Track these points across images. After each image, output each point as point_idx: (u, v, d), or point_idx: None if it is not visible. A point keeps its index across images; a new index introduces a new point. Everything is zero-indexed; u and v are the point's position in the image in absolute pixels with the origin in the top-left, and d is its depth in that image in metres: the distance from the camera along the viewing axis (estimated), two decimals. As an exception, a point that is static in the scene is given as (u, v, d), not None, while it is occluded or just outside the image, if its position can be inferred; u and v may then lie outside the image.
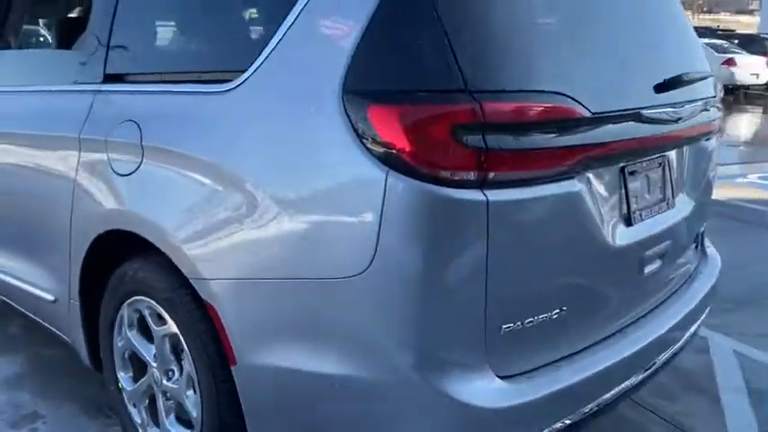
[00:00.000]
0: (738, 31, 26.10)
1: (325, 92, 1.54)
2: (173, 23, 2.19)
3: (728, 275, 4.17)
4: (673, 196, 2.13)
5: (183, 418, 2.07)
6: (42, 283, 2.50)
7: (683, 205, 2.19)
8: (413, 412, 1.57)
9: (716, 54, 17.86)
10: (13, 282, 2.68)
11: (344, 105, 1.51)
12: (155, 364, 2.09)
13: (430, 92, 1.48)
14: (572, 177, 1.64)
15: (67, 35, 2.65)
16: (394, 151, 1.46)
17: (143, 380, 2.17)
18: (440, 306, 1.51)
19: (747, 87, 18.47)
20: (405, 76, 1.50)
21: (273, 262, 1.66)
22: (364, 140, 1.49)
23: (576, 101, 1.59)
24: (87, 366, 2.42)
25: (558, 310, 1.70)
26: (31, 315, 2.71)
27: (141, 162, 1.95)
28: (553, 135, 1.56)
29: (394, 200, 1.46)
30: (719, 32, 24.63)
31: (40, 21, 3.07)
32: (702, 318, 2.39)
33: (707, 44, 18.61)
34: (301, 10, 1.65)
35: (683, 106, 1.98)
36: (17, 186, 2.56)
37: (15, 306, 2.80)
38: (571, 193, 1.64)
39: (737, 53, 18.28)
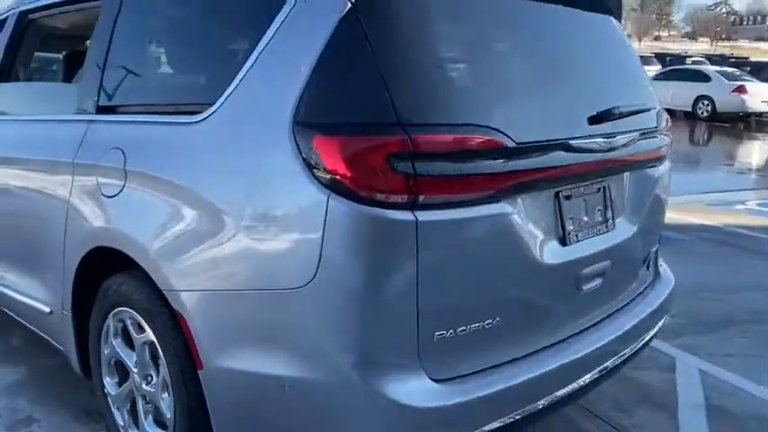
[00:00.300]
0: (751, 59, 26.15)
1: (279, 124, 1.75)
2: (155, 62, 2.42)
3: (711, 299, 4.33)
4: (613, 219, 2.29)
5: (159, 420, 2.25)
6: (39, 296, 2.72)
7: (625, 228, 2.35)
8: (353, 410, 1.74)
9: (726, 82, 17.97)
10: (14, 295, 2.90)
11: (294, 136, 1.71)
12: (135, 370, 2.29)
13: (367, 124, 1.67)
14: (500, 200, 1.82)
15: (69, 70, 2.90)
16: (335, 177, 1.66)
17: (125, 385, 2.36)
18: (375, 314, 1.69)
19: (759, 115, 18.52)
20: (346, 111, 1.71)
21: (233, 275, 1.86)
22: (310, 167, 1.68)
23: (501, 132, 1.78)
24: (78, 374, 2.62)
25: (490, 321, 1.87)
26: (29, 326, 2.93)
27: (124, 185, 2.16)
28: (477, 163, 1.75)
29: (334, 220, 1.65)
30: (732, 60, 24.79)
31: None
32: (652, 332, 2.54)
33: (717, 72, 18.74)
34: (261, 52, 1.87)
35: (614, 137, 2.16)
36: (20, 206, 2.80)
37: (16, 317, 3.02)
38: (499, 215, 1.82)
39: (748, 81, 18.36)
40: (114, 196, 2.21)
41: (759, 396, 3.09)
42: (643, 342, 2.50)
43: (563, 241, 2.07)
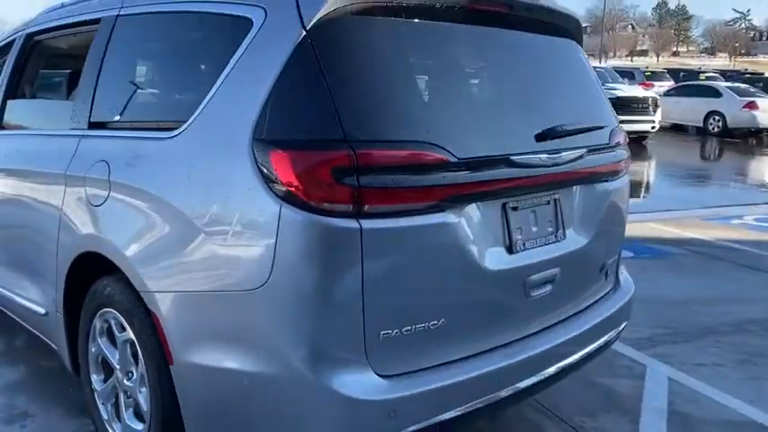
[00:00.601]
0: (766, 75, 26.09)
1: (240, 140, 1.93)
2: (139, 84, 2.63)
3: (693, 311, 4.44)
4: (563, 230, 2.44)
5: (139, 414, 2.43)
6: (36, 299, 2.92)
7: (576, 238, 2.49)
8: (303, 402, 1.91)
9: (737, 98, 17.99)
10: (14, 297, 3.11)
11: (253, 151, 1.89)
12: (118, 367, 2.47)
13: (316, 141, 1.85)
14: (443, 210, 1.98)
15: (68, 88, 3.12)
16: (287, 188, 1.83)
17: (110, 381, 2.55)
18: (323, 315, 1.86)
19: (771, 130, 18.50)
20: (298, 129, 1.88)
21: (199, 278, 2.03)
22: (266, 179, 1.86)
23: (442, 148, 1.95)
24: (70, 372, 2.81)
25: (435, 322, 2.03)
26: (28, 327, 3.13)
27: (108, 195, 2.36)
28: (419, 176, 1.91)
29: (286, 227, 1.83)
30: (747, 75, 24.81)
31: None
32: (607, 338, 2.68)
33: (728, 87, 18.75)
34: (227, 76, 2.06)
35: (560, 153, 2.31)
36: (21, 214, 3.00)
37: (16, 319, 3.23)
38: (443, 224, 1.98)
39: (760, 97, 18.35)
40: (100, 205, 2.40)
41: (721, 402, 3.20)
42: (598, 346, 2.63)
43: (510, 249, 2.23)
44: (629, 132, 13.82)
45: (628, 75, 24.51)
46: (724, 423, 3.03)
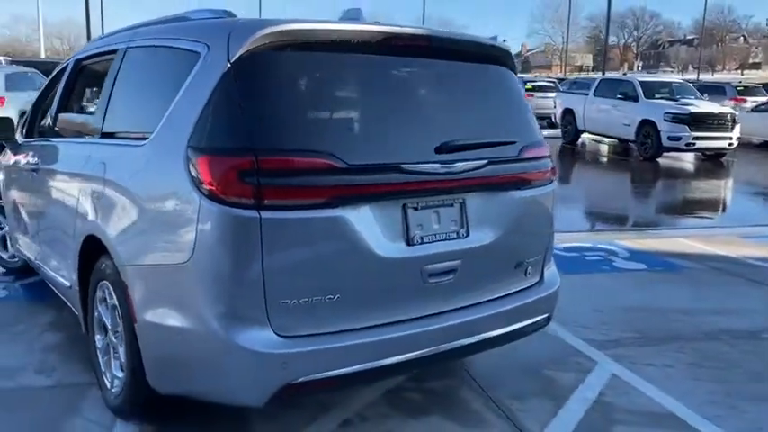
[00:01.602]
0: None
1: (180, 148, 2.51)
2: (129, 103, 3.28)
3: (673, 319, 4.64)
4: (467, 229, 2.86)
5: (120, 365, 3.05)
6: (65, 275, 3.62)
7: (481, 237, 2.90)
8: (219, 352, 2.45)
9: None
10: (55, 276, 3.84)
11: (187, 156, 2.47)
12: (110, 327, 3.11)
13: (228, 149, 2.40)
14: (337, 207, 2.47)
15: (95, 105, 3.84)
16: (206, 185, 2.39)
17: (105, 338, 3.19)
18: (232, 284, 2.40)
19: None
20: (217, 139, 2.44)
21: (150, 254, 2.63)
22: (193, 178, 2.43)
23: (334, 156, 2.44)
24: (84, 332, 3.48)
25: (331, 296, 2.52)
26: (63, 297, 3.86)
27: (104, 189, 3.00)
28: (310, 178, 2.42)
29: (203, 216, 2.39)
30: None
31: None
32: (522, 324, 3.09)
33: None
34: (179, 98, 2.65)
35: (455, 164, 2.74)
36: (55, 206, 3.73)
37: (56, 292, 3.97)
38: (334, 218, 2.47)
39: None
40: (99, 197, 3.05)
41: (650, 396, 3.47)
42: (508, 331, 3.03)
43: (408, 242, 2.68)
44: (704, 149, 13.85)
45: (718, 90, 23.69)
46: (643, 413, 3.31)
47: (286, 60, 2.52)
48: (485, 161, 2.85)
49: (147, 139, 2.77)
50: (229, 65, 2.48)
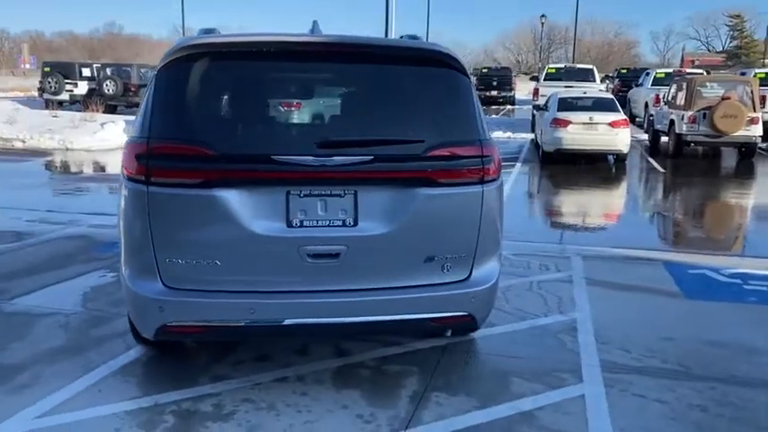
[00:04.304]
0: None
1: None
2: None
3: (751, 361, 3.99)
4: (355, 218, 3.11)
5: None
6: None
7: (371, 227, 3.11)
8: (126, 292, 3.20)
9: None
10: None
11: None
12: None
13: (136, 137, 3.11)
14: (211, 187, 3.00)
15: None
16: (123, 165, 3.14)
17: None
18: (131, 243, 3.12)
19: None
20: (136, 130, 3.16)
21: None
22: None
23: (209, 145, 2.98)
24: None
25: (211, 261, 3.06)
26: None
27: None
28: (187, 162, 2.99)
29: (122, 188, 3.15)
30: None
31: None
32: (422, 315, 3.23)
33: None
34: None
35: (331, 158, 3.01)
36: None
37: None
38: (209, 196, 3.00)
39: None
40: None
41: (590, 423, 3.20)
42: (401, 319, 3.18)
43: (288, 224, 3.08)
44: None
45: None
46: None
47: (187, 68, 3.11)
48: (370, 157, 3.06)
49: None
50: (155, 73, 3.19)
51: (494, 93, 31.94)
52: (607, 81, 31.60)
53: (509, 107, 31.35)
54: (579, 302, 4.94)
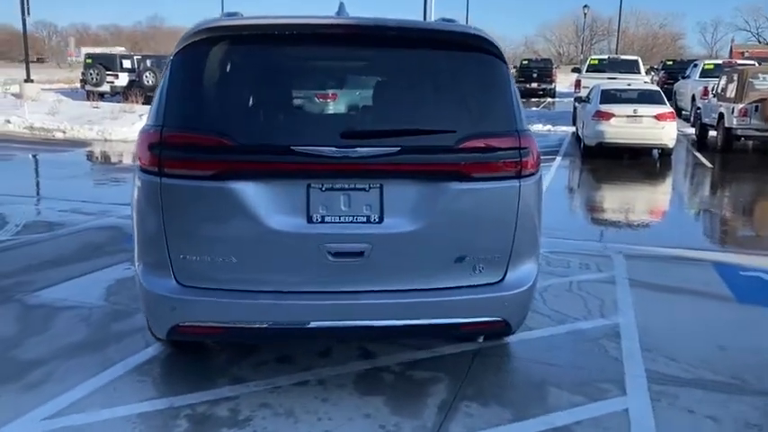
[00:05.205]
0: None
1: None
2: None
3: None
4: (381, 215, 2.89)
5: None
6: None
7: (398, 224, 2.88)
8: (139, 288, 3.02)
9: None
10: None
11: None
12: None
13: (150, 125, 2.93)
14: (227, 179, 2.80)
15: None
16: (137, 155, 2.97)
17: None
18: (143, 237, 2.95)
19: None
20: (150, 119, 2.97)
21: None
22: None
23: (227, 135, 2.78)
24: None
25: (226, 258, 2.87)
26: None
27: None
28: (202, 153, 2.80)
29: (136, 179, 2.97)
30: None
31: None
32: (455, 320, 3.00)
33: None
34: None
35: (354, 149, 2.78)
36: None
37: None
38: (225, 189, 2.81)
39: None
40: None
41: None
42: (431, 324, 2.96)
43: (309, 219, 2.87)
44: None
45: None
46: None
47: (204, 53, 2.92)
48: (397, 149, 2.83)
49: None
50: (171, 58, 3.00)
51: (534, 85, 31.35)
52: (652, 73, 30.69)
53: (549, 99, 30.70)
54: (622, 305, 4.64)
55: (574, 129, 16.49)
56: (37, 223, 7.00)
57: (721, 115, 13.77)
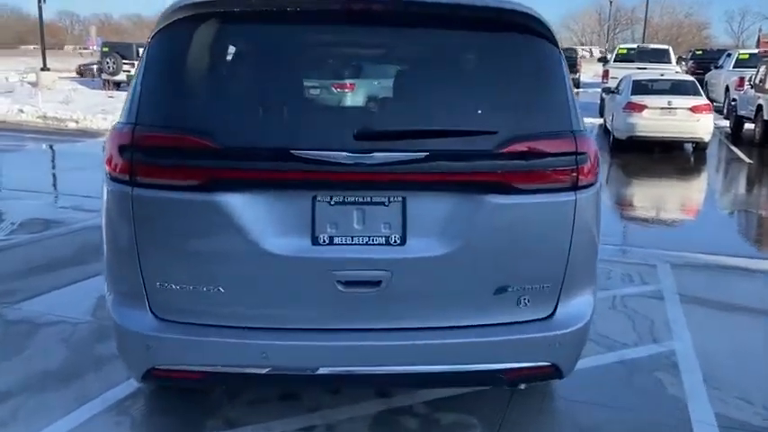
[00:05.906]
0: None
1: None
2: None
3: None
4: (404, 235, 2.33)
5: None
6: None
7: (425, 247, 2.33)
8: (112, 323, 2.49)
9: None
10: None
11: None
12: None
13: (122, 123, 2.38)
14: (213, 190, 2.26)
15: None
16: (105, 157, 2.43)
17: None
18: (113, 260, 2.42)
19: None
20: (123, 115, 2.42)
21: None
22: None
23: (212, 136, 2.23)
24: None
25: (211, 288, 2.34)
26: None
27: None
28: (183, 158, 2.25)
29: (104, 188, 2.44)
30: None
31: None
32: (501, 366, 2.44)
33: None
34: None
35: (370, 153, 2.23)
36: None
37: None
38: (210, 202, 2.26)
39: None
40: None
41: None
42: (469, 370, 2.41)
43: (314, 240, 2.32)
44: None
45: None
46: None
47: (185, 35, 2.36)
48: (424, 154, 2.26)
49: None
50: (147, 43, 2.46)
51: (558, 75, 30.40)
52: (681, 63, 29.69)
53: (574, 90, 29.79)
54: (676, 327, 4.06)
55: (601, 121, 15.78)
56: (34, 221, 6.54)
57: (760, 107, 13.00)
